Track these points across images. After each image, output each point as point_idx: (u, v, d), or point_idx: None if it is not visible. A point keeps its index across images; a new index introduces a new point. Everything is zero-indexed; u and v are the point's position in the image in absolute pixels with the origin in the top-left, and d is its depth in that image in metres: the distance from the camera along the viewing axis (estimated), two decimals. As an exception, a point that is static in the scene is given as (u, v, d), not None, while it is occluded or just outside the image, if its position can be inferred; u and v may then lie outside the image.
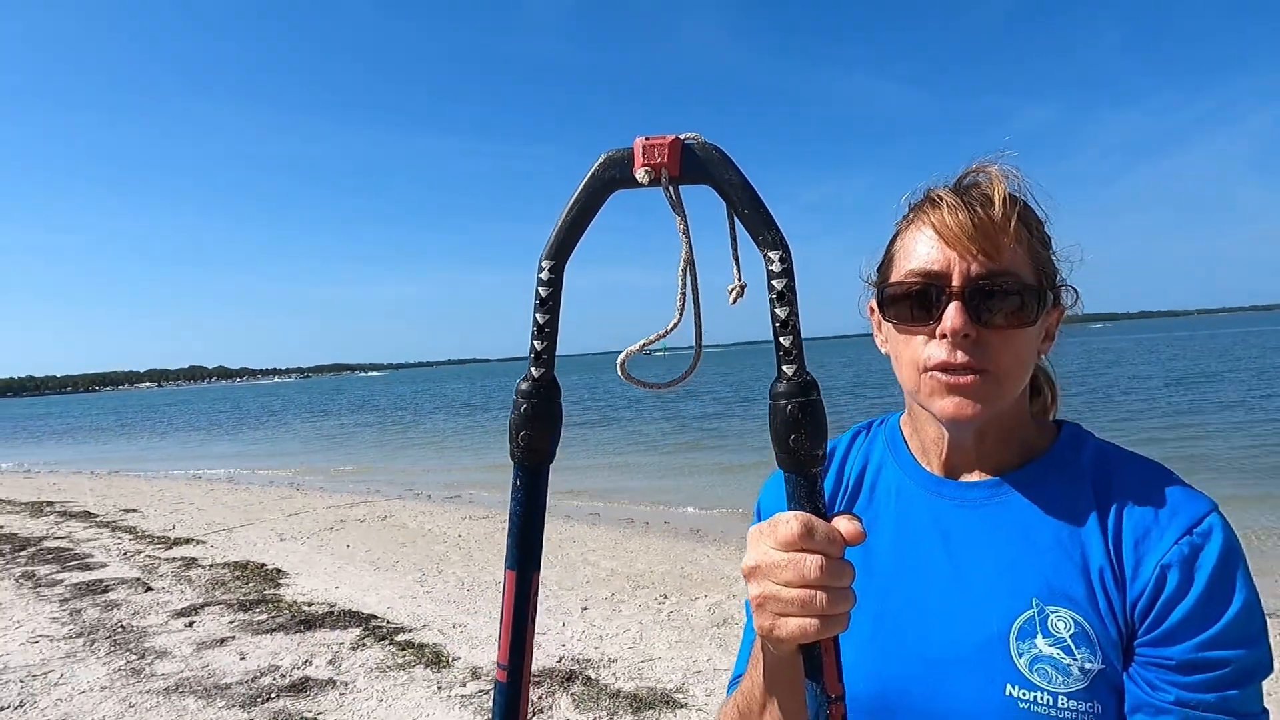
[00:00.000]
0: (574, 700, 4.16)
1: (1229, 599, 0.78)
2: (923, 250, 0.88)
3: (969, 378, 0.85)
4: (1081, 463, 0.91)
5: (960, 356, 0.84)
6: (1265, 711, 0.79)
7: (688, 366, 0.69)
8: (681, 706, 4.05)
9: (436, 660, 4.81)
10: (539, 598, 0.69)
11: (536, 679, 4.41)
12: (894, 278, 0.91)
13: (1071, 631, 0.81)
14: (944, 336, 0.85)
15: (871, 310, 1.01)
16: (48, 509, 11.79)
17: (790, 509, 0.64)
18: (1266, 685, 0.81)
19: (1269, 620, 0.86)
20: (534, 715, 3.99)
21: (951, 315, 0.84)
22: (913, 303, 0.88)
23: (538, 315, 0.65)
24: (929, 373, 0.87)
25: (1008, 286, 0.85)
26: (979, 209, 0.85)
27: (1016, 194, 0.89)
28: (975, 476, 0.94)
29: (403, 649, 5.01)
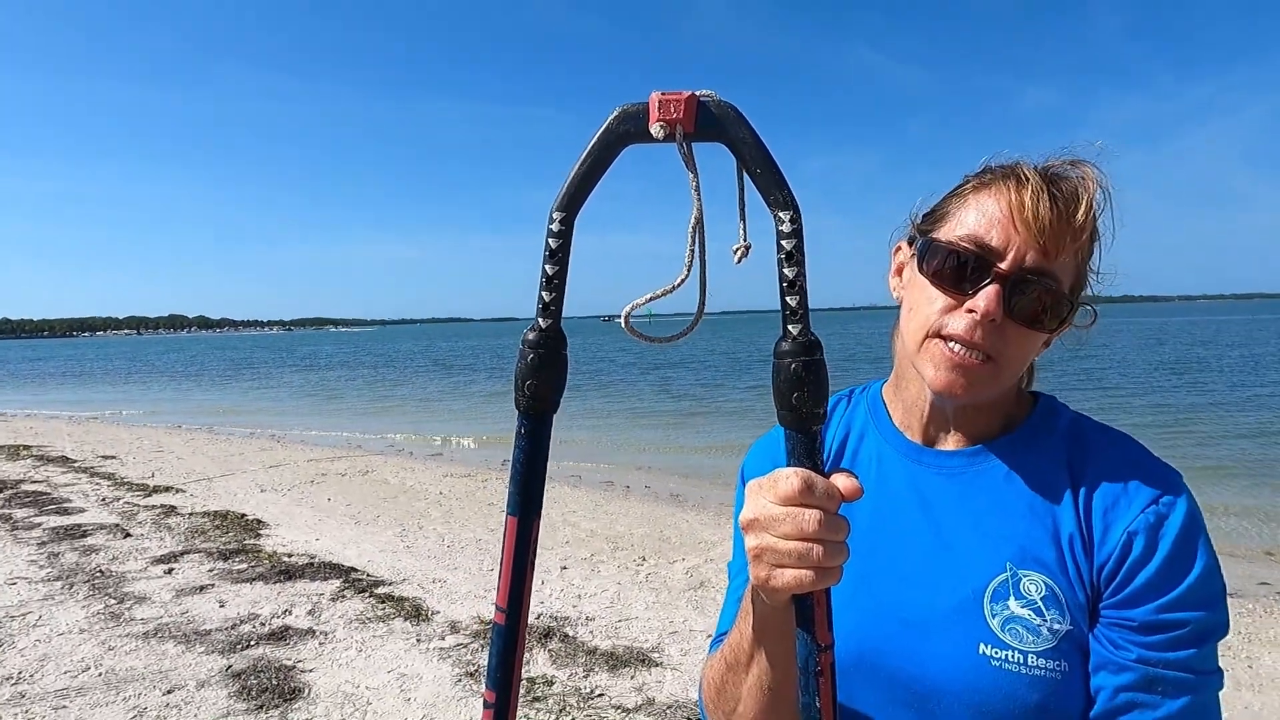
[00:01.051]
0: (551, 656, 4.23)
1: (1190, 564, 0.82)
2: (987, 220, 0.87)
3: (975, 360, 0.85)
4: (1056, 434, 0.93)
5: (979, 337, 0.85)
6: (1220, 670, 0.83)
7: (683, 327, 0.70)
8: (657, 665, 4.13)
9: (416, 614, 4.86)
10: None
11: (515, 635, 4.48)
12: (944, 233, 0.90)
13: (1042, 594, 0.84)
14: (971, 312, 0.85)
15: (897, 249, 1.00)
16: (25, 453, 11.72)
17: (789, 465, 0.65)
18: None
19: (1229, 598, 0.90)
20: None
21: (988, 296, 0.84)
22: (954, 265, 0.87)
23: (547, 266, 0.65)
24: (938, 339, 0.88)
25: (1048, 289, 0.85)
26: (1060, 204, 0.84)
27: (1098, 202, 0.87)
28: (954, 444, 0.96)
29: (382, 601, 5.06)
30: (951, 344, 0.87)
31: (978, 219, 0.88)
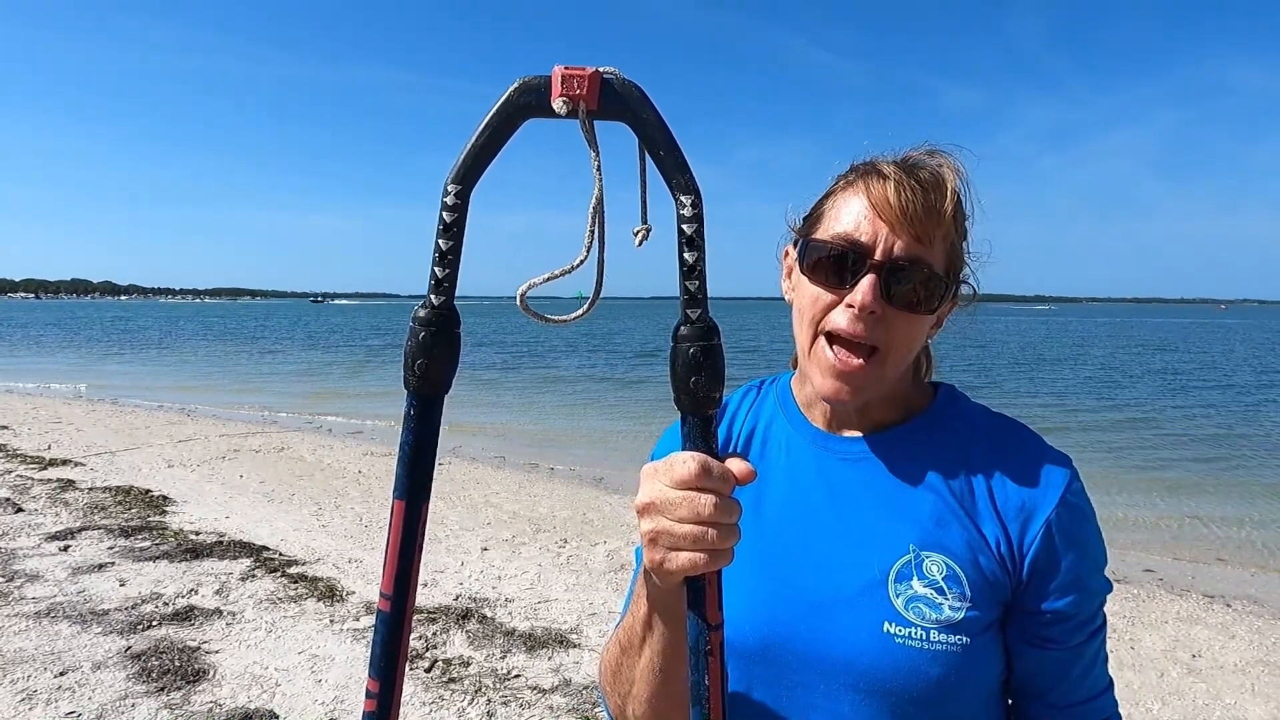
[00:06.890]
0: (469, 637, 4.19)
1: (1099, 547, 0.92)
2: (855, 217, 0.90)
3: (857, 362, 0.89)
4: (955, 422, 0.98)
5: (861, 329, 0.88)
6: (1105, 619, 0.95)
7: (585, 308, 0.68)
8: (574, 646, 4.14)
9: (330, 594, 4.75)
10: (437, 533, 0.68)
11: (432, 615, 4.43)
12: (820, 235, 0.93)
13: (944, 574, 0.88)
14: (851, 306, 0.88)
15: (785, 254, 1.03)
16: (-94, 421, 10.96)
17: (685, 449, 0.65)
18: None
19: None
20: (428, 650, 4.01)
21: (864, 289, 0.87)
22: (831, 265, 0.90)
23: (440, 241, 0.62)
24: (824, 340, 0.91)
25: (922, 273, 0.88)
26: (920, 194, 0.87)
27: (957, 188, 0.91)
28: (858, 432, 0.99)
29: (295, 581, 4.93)
30: (835, 348, 0.90)
31: (848, 217, 0.91)
